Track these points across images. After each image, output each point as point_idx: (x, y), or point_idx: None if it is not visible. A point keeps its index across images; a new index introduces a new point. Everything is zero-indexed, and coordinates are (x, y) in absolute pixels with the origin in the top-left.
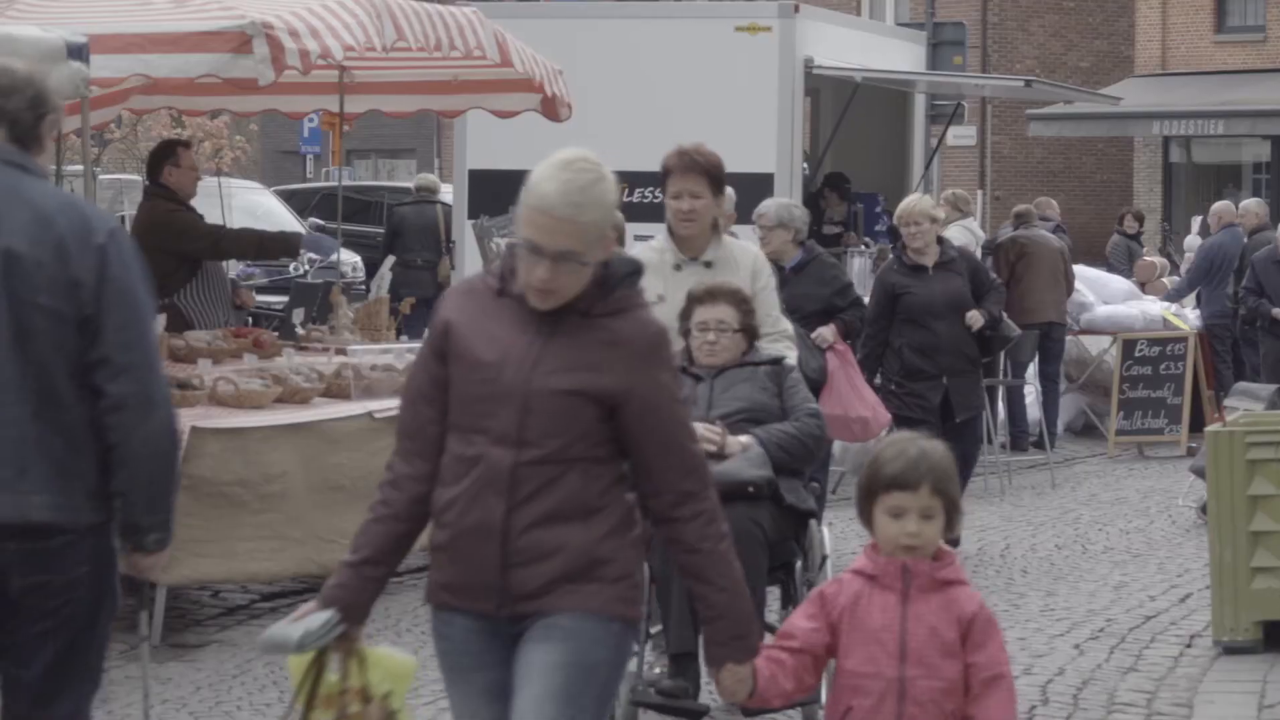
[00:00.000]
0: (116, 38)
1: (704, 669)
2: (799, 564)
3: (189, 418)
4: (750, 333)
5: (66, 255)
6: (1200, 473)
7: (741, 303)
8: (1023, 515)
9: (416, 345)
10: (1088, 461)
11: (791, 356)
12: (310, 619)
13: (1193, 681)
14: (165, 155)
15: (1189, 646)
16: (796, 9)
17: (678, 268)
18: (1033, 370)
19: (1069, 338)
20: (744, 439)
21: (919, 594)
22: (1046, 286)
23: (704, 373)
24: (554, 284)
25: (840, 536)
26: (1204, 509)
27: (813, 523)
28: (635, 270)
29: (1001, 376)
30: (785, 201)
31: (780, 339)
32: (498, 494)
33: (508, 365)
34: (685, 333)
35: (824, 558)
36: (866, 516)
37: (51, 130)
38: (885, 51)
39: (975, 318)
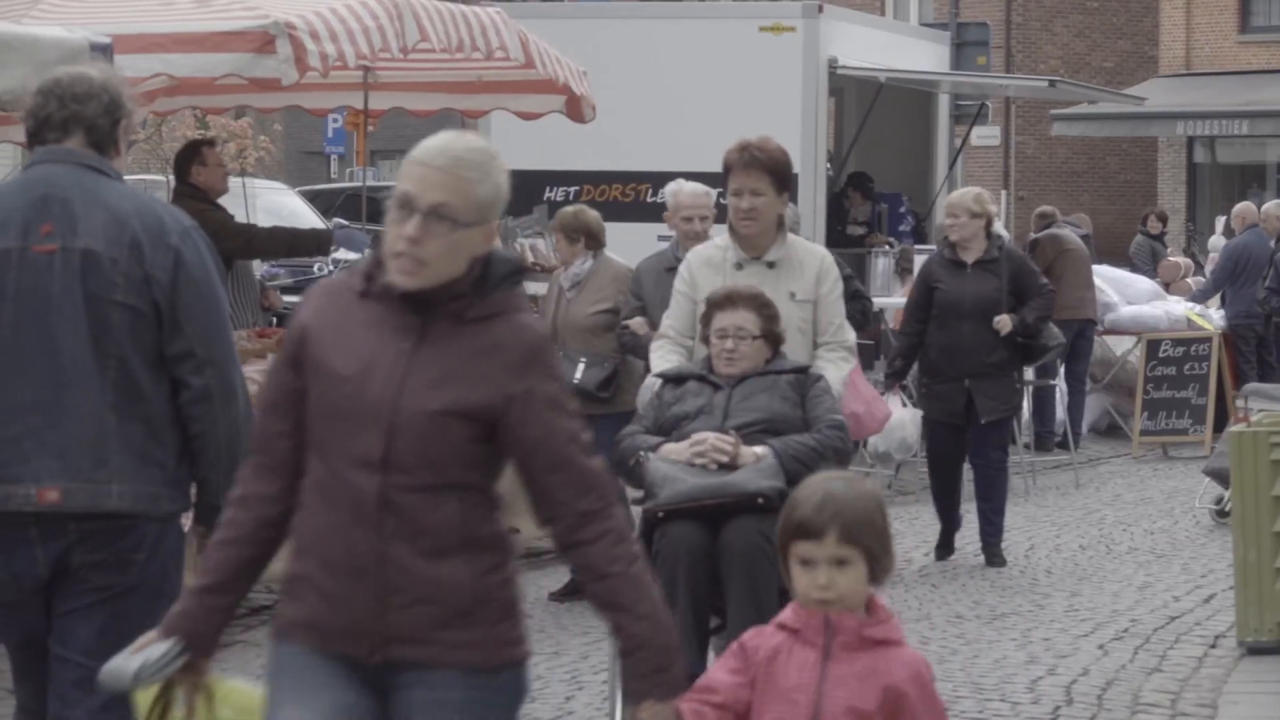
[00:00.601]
0: (139, 38)
1: None
2: None
3: None
4: (773, 339)
5: (140, 254)
6: (1214, 474)
7: (763, 308)
8: (1047, 515)
9: None
10: (1112, 462)
11: (843, 370)
12: (150, 650)
13: (1217, 682)
14: (191, 156)
15: (1213, 647)
16: (820, 9)
17: (739, 267)
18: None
19: (1094, 338)
20: (758, 450)
21: (842, 652)
22: (1085, 284)
23: (723, 381)
24: (422, 248)
25: None
26: (1220, 510)
27: None
28: (516, 270)
29: (1028, 376)
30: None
31: (837, 349)
32: (367, 526)
33: (372, 380)
34: (705, 339)
35: None
36: (785, 566)
37: (126, 134)
38: (909, 51)
39: (1004, 322)
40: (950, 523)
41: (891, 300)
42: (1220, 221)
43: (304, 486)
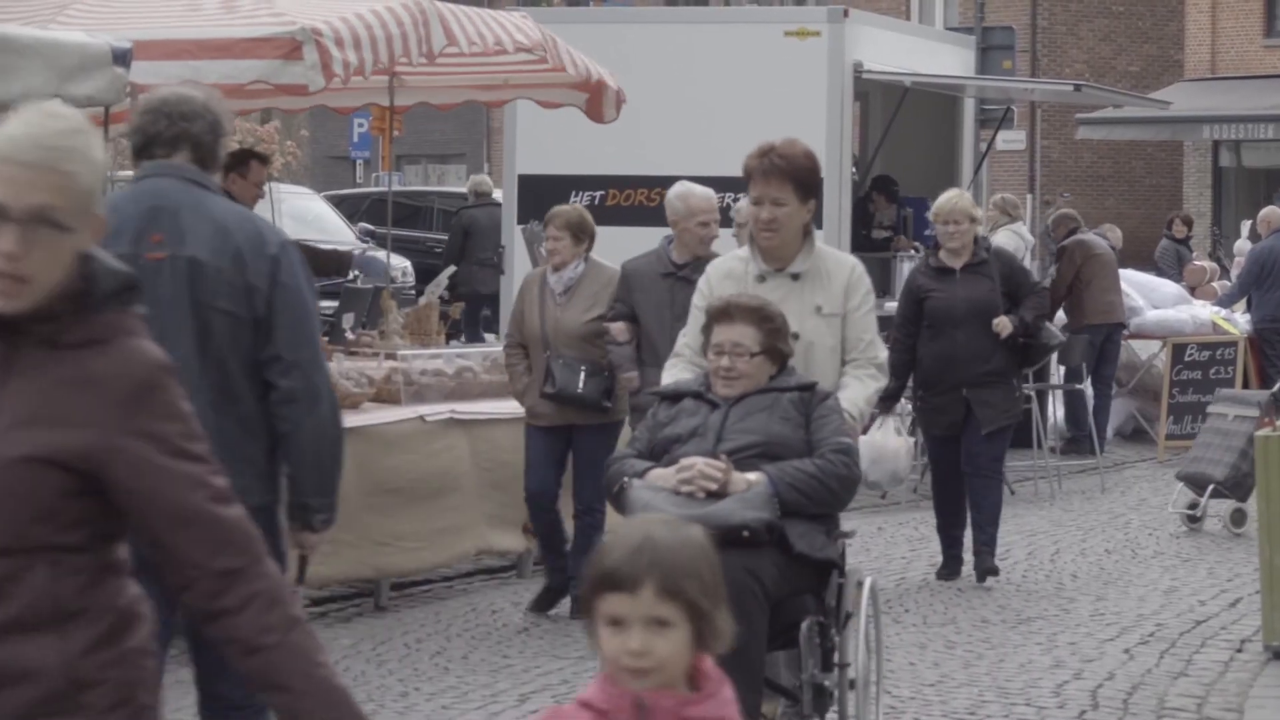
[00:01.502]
0: (166, 44)
1: None
2: (805, 624)
3: None
4: (777, 355)
5: (243, 263)
6: (1187, 479)
7: (764, 321)
8: (1072, 520)
9: (467, 349)
10: (1137, 466)
11: (869, 387)
12: None
13: (1243, 686)
14: (236, 163)
15: (1239, 651)
16: (846, 13)
17: (761, 279)
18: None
19: (1120, 342)
20: (751, 476)
21: None
22: (1113, 288)
23: (720, 400)
24: (20, 264)
25: (885, 538)
26: (1192, 517)
27: (846, 575)
28: (127, 285)
29: (1055, 380)
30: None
31: (864, 366)
32: None
33: None
34: (705, 352)
35: (848, 615)
36: (592, 629)
37: (225, 151)
38: (934, 56)
39: (1003, 324)
40: (953, 543)
41: None
42: (1246, 225)
43: None
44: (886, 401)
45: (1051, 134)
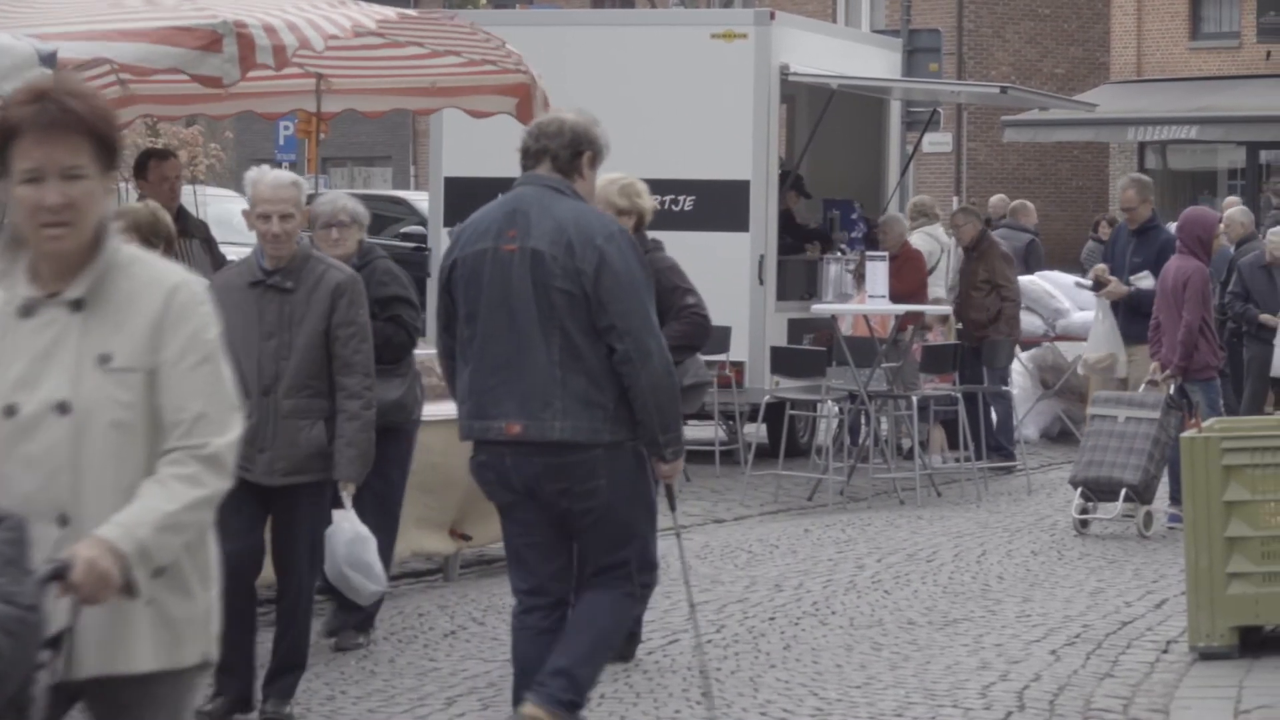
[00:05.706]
0: (86, 33)
1: None
2: None
3: None
4: None
5: (573, 251)
6: (1077, 484)
7: None
8: (999, 521)
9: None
10: (1064, 467)
11: (177, 499)
12: None
13: (1169, 687)
14: (138, 169)
15: (1165, 652)
16: (772, 16)
17: (27, 312)
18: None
19: (1046, 343)
20: None
21: None
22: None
23: None
24: None
25: None
26: (1084, 523)
27: None
28: None
29: (981, 384)
30: (333, 195)
31: (183, 463)
32: None
33: None
34: None
35: None
36: None
37: (592, 163)
38: (861, 58)
39: None
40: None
41: (849, 307)
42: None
43: None
44: None
45: (978, 136)
